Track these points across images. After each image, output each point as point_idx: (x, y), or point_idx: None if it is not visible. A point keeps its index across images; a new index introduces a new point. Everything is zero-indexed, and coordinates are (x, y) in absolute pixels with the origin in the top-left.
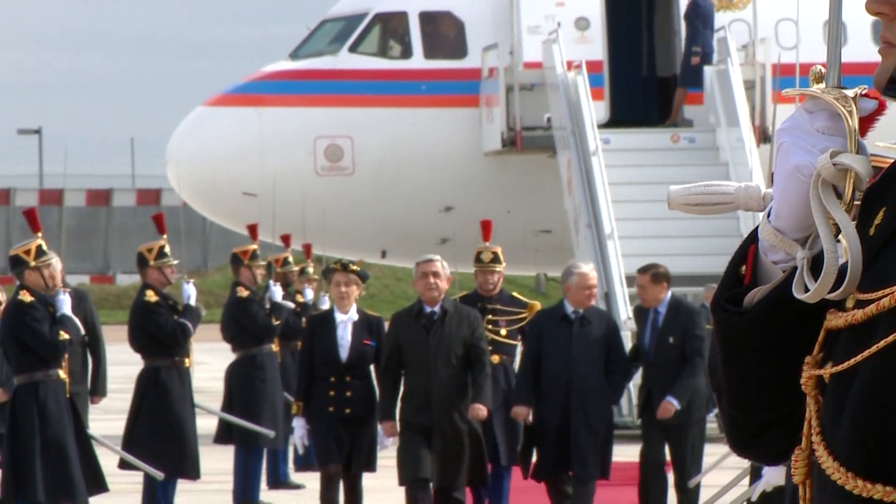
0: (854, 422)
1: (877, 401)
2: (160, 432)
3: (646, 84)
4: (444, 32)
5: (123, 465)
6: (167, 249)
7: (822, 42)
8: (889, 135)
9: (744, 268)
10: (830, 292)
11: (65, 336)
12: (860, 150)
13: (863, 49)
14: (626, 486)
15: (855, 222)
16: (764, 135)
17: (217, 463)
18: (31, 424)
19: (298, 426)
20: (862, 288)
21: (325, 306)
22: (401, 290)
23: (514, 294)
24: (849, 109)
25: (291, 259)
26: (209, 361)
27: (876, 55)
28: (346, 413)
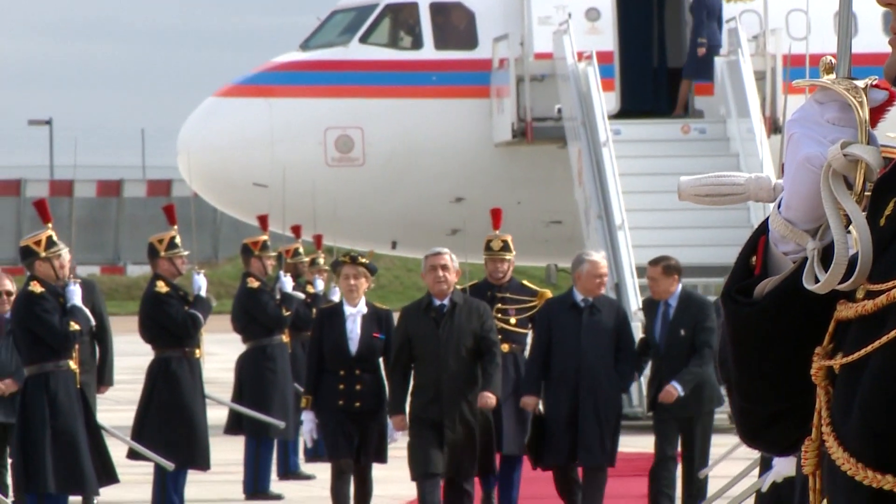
0: (864, 412)
1: (887, 391)
2: (170, 423)
3: (656, 75)
4: (454, 23)
5: (133, 455)
6: (178, 240)
7: (833, 33)
8: None
9: (754, 259)
10: (841, 283)
11: (75, 326)
12: (871, 140)
13: (873, 40)
14: (635, 476)
15: (865, 213)
16: (774, 125)
17: (227, 454)
18: (42, 415)
19: (307, 420)
20: (872, 278)
21: (336, 297)
22: (411, 280)
23: (524, 282)
24: (859, 100)
25: (302, 250)
26: (220, 352)
27: (886, 46)
28: (355, 406)
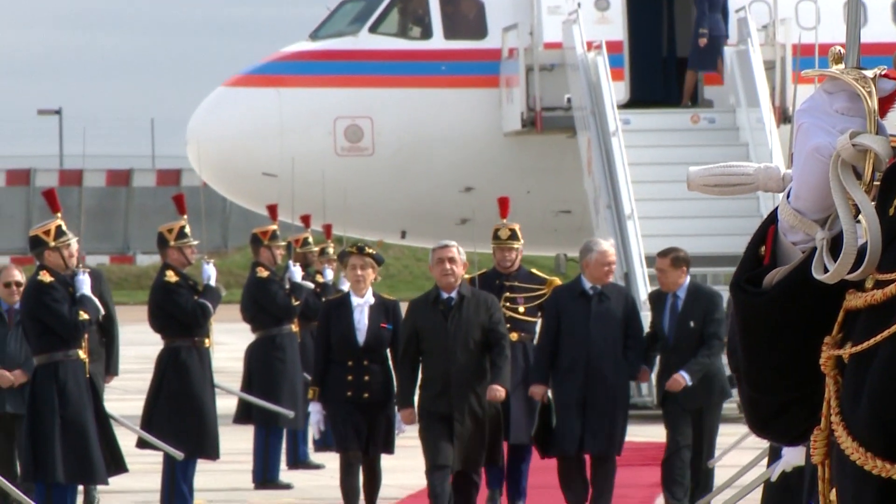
0: (873, 402)
1: None
2: (180, 412)
3: (666, 64)
4: (463, 13)
5: (142, 444)
6: (187, 230)
7: (842, 22)
8: None
9: (763, 248)
10: (850, 273)
11: (84, 316)
12: (880, 130)
13: (882, 29)
14: (645, 466)
15: (874, 203)
16: (784, 115)
17: (237, 443)
18: (51, 404)
19: (314, 411)
20: (881, 268)
21: (346, 287)
22: (420, 270)
23: (533, 270)
24: (868, 90)
25: (311, 239)
26: (229, 342)
27: (895, 36)
28: (364, 397)
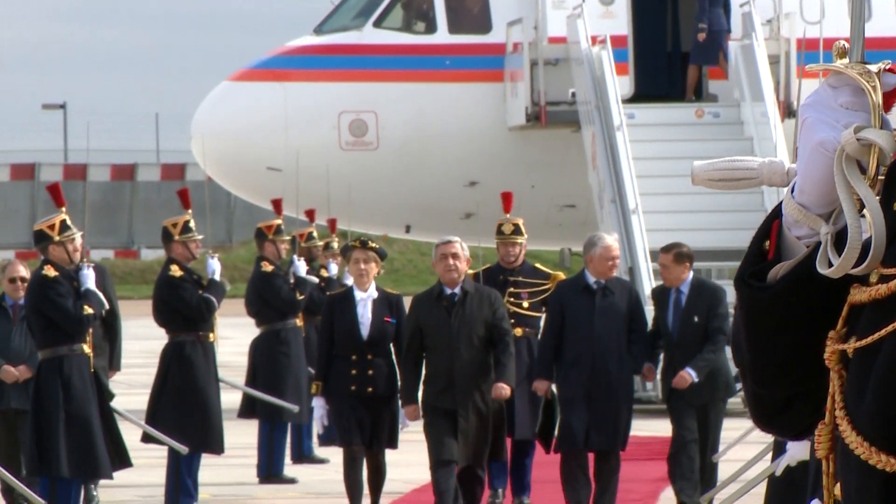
0: (877, 396)
1: None
2: (184, 407)
3: (670, 59)
4: (468, 7)
5: (147, 439)
6: (192, 224)
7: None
8: None
9: (767, 243)
10: (854, 267)
11: (89, 310)
12: (884, 125)
13: (886, 24)
14: (650, 460)
15: (879, 197)
16: (788, 109)
17: (241, 437)
18: (56, 399)
19: (318, 406)
20: (886, 263)
21: (350, 281)
22: (425, 264)
23: (537, 265)
24: (872, 84)
25: (316, 234)
26: (233, 336)
27: None
28: (367, 392)
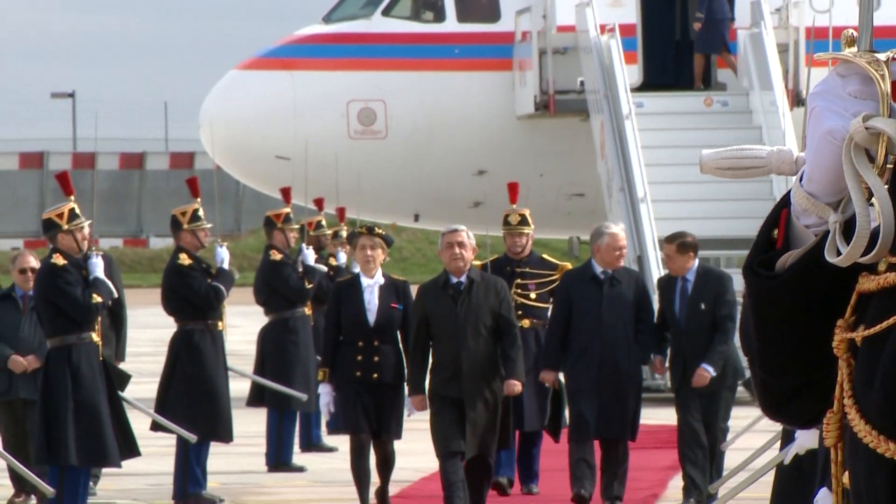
0: (886, 384)
1: None
2: (193, 395)
3: (679, 48)
4: None
5: (156, 427)
6: (201, 213)
7: (855, 5)
8: None
9: (776, 232)
10: (863, 256)
11: (97, 299)
12: (893, 113)
13: (895, 13)
14: (659, 448)
15: (887, 186)
16: (797, 98)
17: (250, 426)
18: (64, 387)
19: (325, 392)
20: (894, 251)
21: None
22: (433, 253)
23: (544, 256)
24: (881, 73)
25: (325, 222)
26: (242, 325)
27: None
28: (373, 378)
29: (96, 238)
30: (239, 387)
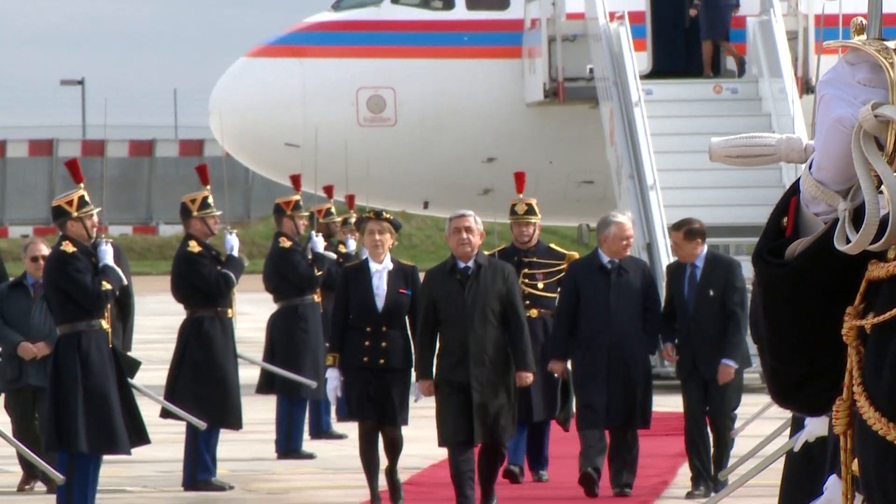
0: (895, 372)
1: None
2: (203, 382)
3: (688, 35)
4: None
5: (166, 414)
6: (210, 200)
7: None
8: None
9: (785, 220)
10: (872, 243)
11: (107, 286)
12: None
13: None
14: (669, 436)
15: None
16: (807, 85)
17: (259, 413)
18: (74, 374)
19: (332, 377)
20: None
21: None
22: (443, 240)
23: (552, 245)
24: (890, 61)
25: (334, 210)
26: (252, 312)
27: None
28: (380, 364)
29: (105, 225)
30: (248, 374)
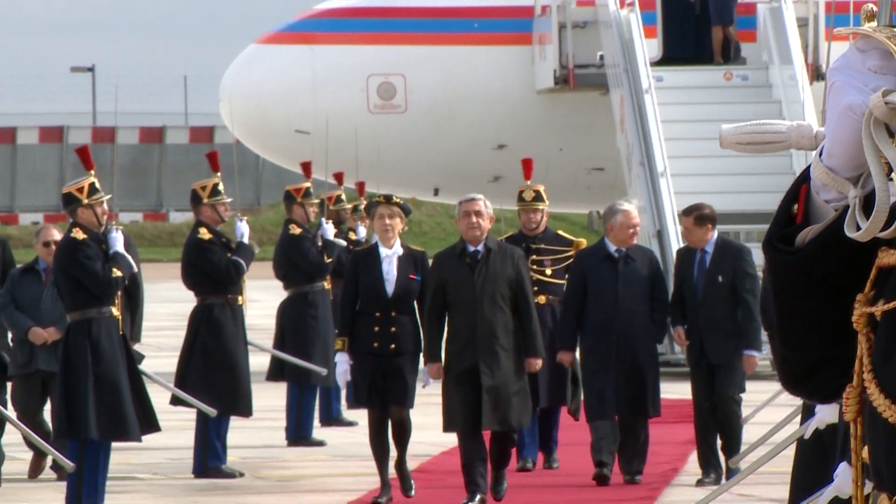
0: None
1: None
2: (213, 370)
3: (698, 22)
4: None
5: (176, 401)
6: (220, 187)
7: None
8: None
9: (796, 207)
10: (882, 230)
11: (118, 273)
12: None
13: None
14: (679, 423)
15: None
16: (817, 72)
17: (270, 400)
18: (84, 361)
19: (341, 362)
20: None
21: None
22: (453, 227)
23: (560, 232)
24: None
25: (344, 197)
26: (262, 299)
27: None
28: (390, 349)
29: (116, 213)
30: (258, 361)
